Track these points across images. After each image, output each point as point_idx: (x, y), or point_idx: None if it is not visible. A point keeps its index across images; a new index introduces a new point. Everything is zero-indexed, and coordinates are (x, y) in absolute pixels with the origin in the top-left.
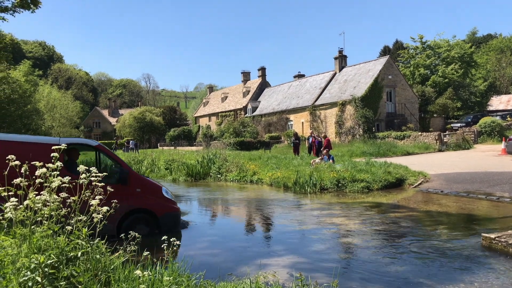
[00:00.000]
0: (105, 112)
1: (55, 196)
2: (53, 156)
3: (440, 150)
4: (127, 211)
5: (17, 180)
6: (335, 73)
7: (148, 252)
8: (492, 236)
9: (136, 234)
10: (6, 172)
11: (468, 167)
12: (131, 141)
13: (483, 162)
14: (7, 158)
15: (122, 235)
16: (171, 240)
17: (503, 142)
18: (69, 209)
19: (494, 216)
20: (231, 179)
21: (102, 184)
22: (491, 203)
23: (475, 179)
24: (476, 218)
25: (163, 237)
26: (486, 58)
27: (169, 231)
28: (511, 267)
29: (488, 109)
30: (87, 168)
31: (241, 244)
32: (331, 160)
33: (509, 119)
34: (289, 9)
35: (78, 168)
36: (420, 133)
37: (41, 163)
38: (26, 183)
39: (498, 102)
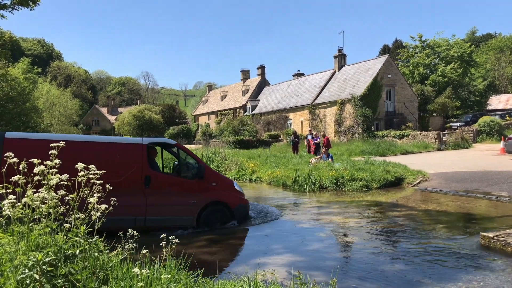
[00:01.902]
0: (104, 110)
1: (53, 194)
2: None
3: (439, 149)
4: (205, 204)
5: (15, 178)
6: (335, 72)
7: (146, 250)
8: (491, 235)
9: (134, 232)
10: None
11: (467, 166)
12: None
13: (482, 161)
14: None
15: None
16: (170, 238)
17: (502, 141)
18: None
19: (492, 215)
20: (230, 178)
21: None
22: (489, 202)
23: (474, 178)
24: (474, 217)
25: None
26: (486, 58)
27: (242, 221)
28: (510, 266)
29: (487, 108)
30: (85, 166)
31: (239, 242)
32: (330, 159)
33: (508, 118)
34: (289, 7)
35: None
36: (419, 132)
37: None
38: (24, 181)
39: (497, 102)
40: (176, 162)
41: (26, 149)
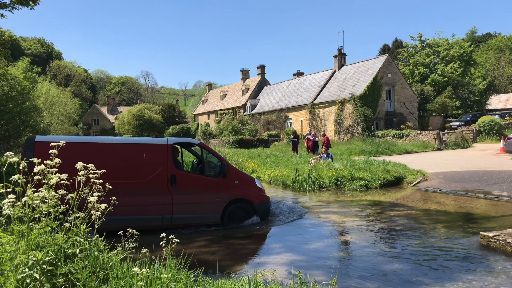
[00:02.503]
0: (104, 110)
1: (53, 193)
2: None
3: (439, 149)
4: (229, 201)
5: (15, 177)
6: (335, 71)
7: (146, 250)
8: (490, 234)
9: (134, 232)
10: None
11: (466, 166)
12: None
13: (482, 161)
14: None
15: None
16: (170, 237)
17: (501, 141)
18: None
19: (492, 215)
20: None
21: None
22: (489, 202)
23: (474, 178)
24: (474, 216)
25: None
26: (485, 57)
27: (264, 217)
28: (509, 266)
29: (487, 108)
30: (85, 165)
31: (239, 241)
32: (329, 159)
33: (508, 118)
34: (289, 7)
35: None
36: (419, 131)
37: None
38: (24, 180)
39: (497, 101)
40: (195, 161)
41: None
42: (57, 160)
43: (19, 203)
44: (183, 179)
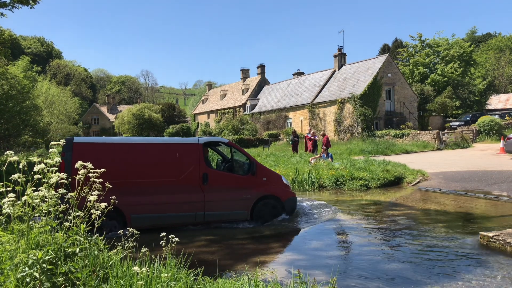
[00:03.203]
0: (104, 109)
1: (53, 192)
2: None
3: (438, 149)
4: (257, 198)
5: (15, 176)
6: (334, 71)
7: (146, 249)
8: (490, 234)
9: (134, 231)
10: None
11: (466, 166)
12: None
13: (482, 161)
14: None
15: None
16: (170, 237)
17: (501, 141)
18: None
19: (492, 215)
20: None
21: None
22: (489, 202)
23: (474, 177)
24: (474, 216)
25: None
26: (485, 57)
27: (291, 213)
28: (509, 265)
29: (487, 108)
30: (84, 164)
31: (239, 241)
32: (329, 158)
33: (507, 118)
34: (289, 6)
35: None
36: (418, 131)
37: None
38: (24, 179)
39: (497, 101)
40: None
41: (93, 152)
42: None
43: (19, 202)
44: (214, 177)
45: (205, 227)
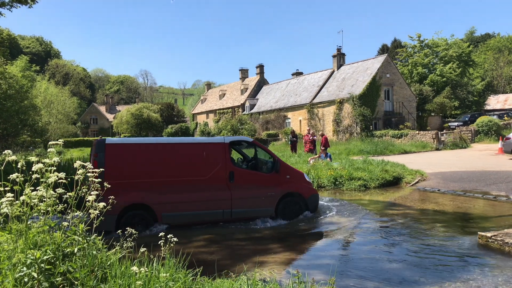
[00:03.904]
0: (102, 109)
1: (52, 192)
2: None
3: (437, 149)
4: (281, 195)
5: (13, 176)
6: (333, 71)
7: (145, 249)
8: (489, 234)
9: (133, 231)
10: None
11: (465, 166)
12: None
13: (480, 161)
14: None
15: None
16: (168, 237)
17: (500, 141)
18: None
19: (490, 215)
20: None
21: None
22: (487, 202)
23: (472, 178)
24: (472, 216)
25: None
26: (484, 58)
27: (314, 210)
28: (507, 266)
29: (485, 108)
30: (83, 164)
31: (238, 242)
32: (328, 158)
33: (506, 118)
34: (288, 6)
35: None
36: (417, 131)
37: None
38: (23, 179)
39: (495, 102)
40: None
41: (123, 152)
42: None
43: (17, 201)
44: (240, 175)
45: (204, 226)
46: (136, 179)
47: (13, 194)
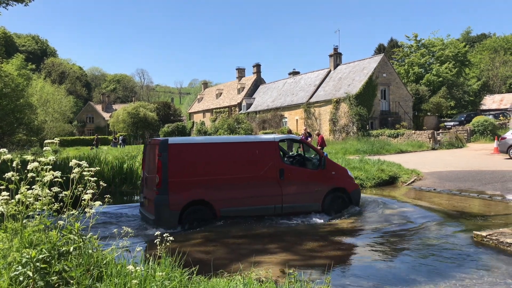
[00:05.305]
0: (99, 107)
1: (47, 191)
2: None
3: (433, 149)
4: (327, 190)
5: (8, 174)
6: (330, 71)
7: (140, 248)
8: (484, 233)
9: (129, 230)
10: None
11: (460, 166)
12: (120, 137)
13: (476, 160)
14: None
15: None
16: (164, 235)
17: (495, 141)
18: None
19: (485, 214)
20: None
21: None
22: (483, 201)
23: (468, 177)
24: (467, 216)
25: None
26: (480, 58)
27: (358, 204)
28: (502, 265)
29: (481, 108)
30: (78, 163)
31: (235, 240)
32: None
33: (501, 118)
34: (285, 6)
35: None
36: (413, 131)
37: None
38: (18, 177)
39: (491, 102)
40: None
41: (185, 151)
42: None
43: (12, 200)
44: (289, 172)
45: (203, 225)
46: (196, 176)
47: (8, 193)
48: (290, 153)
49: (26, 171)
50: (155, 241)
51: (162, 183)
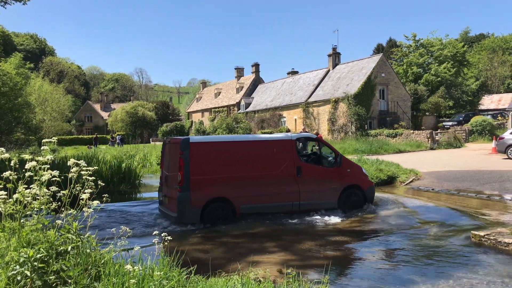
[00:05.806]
0: (97, 106)
1: (45, 190)
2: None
3: (431, 149)
4: (343, 188)
5: (6, 173)
6: (329, 70)
7: (139, 247)
8: (482, 233)
9: (127, 229)
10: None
11: (459, 166)
12: (118, 136)
13: (474, 160)
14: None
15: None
16: (162, 235)
17: (493, 141)
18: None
19: (483, 214)
20: None
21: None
22: (481, 201)
23: (466, 177)
24: (466, 215)
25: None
26: (478, 58)
27: (372, 201)
28: (500, 265)
29: (479, 108)
30: (77, 162)
31: (233, 239)
32: None
33: (500, 118)
34: (284, 5)
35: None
36: (412, 131)
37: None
38: (16, 177)
39: (489, 101)
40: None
41: (206, 150)
42: None
43: (10, 199)
44: (306, 170)
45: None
46: (216, 174)
47: (6, 192)
48: (304, 152)
49: (24, 170)
50: (153, 241)
51: (184, 181)
